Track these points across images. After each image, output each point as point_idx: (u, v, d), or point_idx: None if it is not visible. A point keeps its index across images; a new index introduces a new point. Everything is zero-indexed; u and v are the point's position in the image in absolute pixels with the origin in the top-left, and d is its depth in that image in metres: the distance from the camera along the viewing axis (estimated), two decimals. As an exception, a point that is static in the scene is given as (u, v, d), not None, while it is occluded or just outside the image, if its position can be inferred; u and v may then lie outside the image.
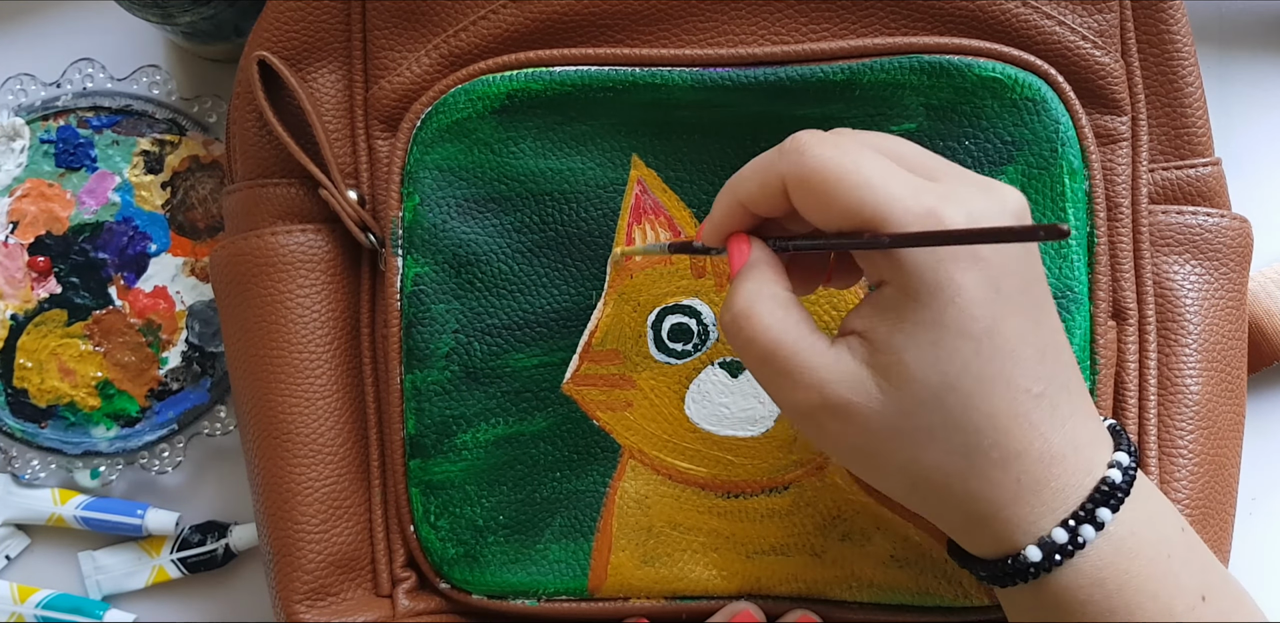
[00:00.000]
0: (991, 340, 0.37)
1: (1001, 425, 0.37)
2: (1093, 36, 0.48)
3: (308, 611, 0.48)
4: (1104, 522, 0.38)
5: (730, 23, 0.48)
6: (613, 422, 0.49)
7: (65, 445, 0.56)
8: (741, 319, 0.39)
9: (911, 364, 0.37)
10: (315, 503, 0.49)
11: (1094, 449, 0.39)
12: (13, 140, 0.57)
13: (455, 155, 0.48)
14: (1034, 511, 0.38)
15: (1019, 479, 0.38)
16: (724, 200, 0.41)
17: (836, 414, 0.38)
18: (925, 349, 0.37)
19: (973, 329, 0.37)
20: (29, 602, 0.56)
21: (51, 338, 0.56)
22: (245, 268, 0.49)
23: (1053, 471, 0.38)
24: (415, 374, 0.48)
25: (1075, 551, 0.38)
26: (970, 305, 0.37)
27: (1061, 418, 0.38)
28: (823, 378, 0.38)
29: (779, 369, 0.39)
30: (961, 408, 0.37)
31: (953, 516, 0.40)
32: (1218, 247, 0.48)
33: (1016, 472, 0.38)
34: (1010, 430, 0.38)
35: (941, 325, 0.37)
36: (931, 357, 0.37)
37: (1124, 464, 0.39)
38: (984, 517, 0.39)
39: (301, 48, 0.50)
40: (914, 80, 0.46)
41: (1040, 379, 0.38)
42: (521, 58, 0.48)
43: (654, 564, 0.48)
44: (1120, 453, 0.40)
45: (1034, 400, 0.38)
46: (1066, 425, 0.38)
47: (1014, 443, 0.38)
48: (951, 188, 0.38)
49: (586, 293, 0.48)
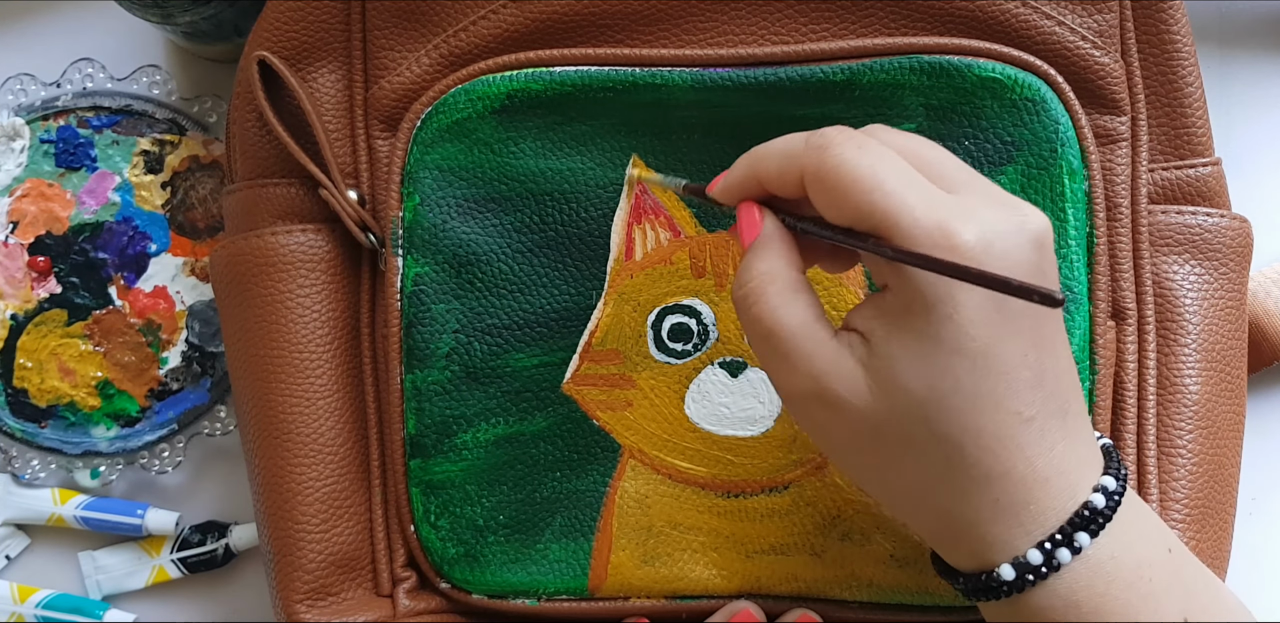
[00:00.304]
0: (986, 361, 0.37)
1: (985, 445, 0.37)
2: (1092, 37, 0.48)
3: (308, 610, 0.48)
4: (1081, 546, 0.38)
5: (730, 23, 0.48)
6: (613, 421, 0.49)
7: (65, 445, 0.56)
8: (753, 297, 0.39)
9: (901, 374, 0.37)
10: (315, 503, 0.49)
11: (1080, 473, 0.39)
12: (13, 140, 0.57)
13: (455, 155, 0.48)
14: (1010, 531, 0.38)
15: (998, 500, 0.38)
16: (741, 169, 0.41)
17: (827, 405, 0.39)
18: (916, 361, 0.37)
19: (968, 348, 0.36)
20: (29, 602, 0.56)
21: (51, 338, 0.56)
22: (245, 268, 0.49)
23: (1034, 493, 0.38)
24: (415, 374, 0.48)
25: (1050, 573, 0.38)
26: (968, 324, 0.36)
27: (1050, 443, 0.38)
28: (821, 368, 0.38)
29: (780, 352, 0.39)
30: (945, 423, 0.37)
31: (929, 526, 0.40)
32: (1217, 247, 0.48)
33: (996, 493, 0.38)
34: (994, 451, 0.37)
35: (936, 340, 0.37)
36: (922, 369, 0.37)
37: (1109, 489, 0.39)
38: (959, 532, 0.39)
39: (301, 48, 0.50)
40: (914, 80, 0.46)
41: (1032, 403, 0.37)
42: (521, 58, 0.48)
43: (654, 564, 0.48)
44: (1108, 477, 0.39)
45: (1023, 424, 0.37)
46: (1055, 450, 0.38)
47: (997, 464, 0.37)
48: (970, 203, 0.37)
49: (586, 293, 0.48)
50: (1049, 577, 0.38)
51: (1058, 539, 0.38)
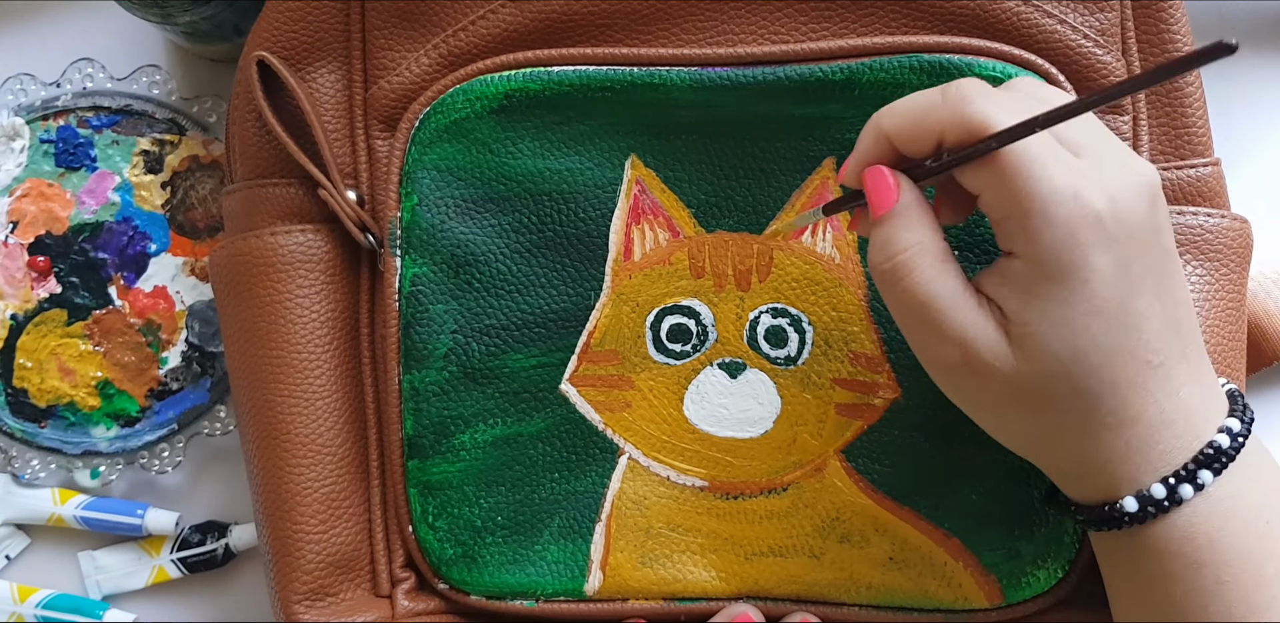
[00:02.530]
0: (1119, 318, 0.38)
1: (1121, 394, 0.39)
2: (1094, 35, 0.47)
3: (307, 611, 0.48)
4: (1204, 483, 0.39)
5: (729, 22, 0.48)
6: (611, 422, 0.48)
7: (65, 445, 0.56)
8: (903, 270, 0.40)
9: (1043, 338, 0.38)
10: (314, 503, 0.49)
11: (1206, 415, 0.40)
12: (13, 140, 0.57)
13: (454, 155, 0.48)
14: (1138, 469, 0.40)
15: (1129, 442, 0.40)
16: (869, 132, 0.41)
17: (974, 373, 0.40)
18: (1057, 325, 0.38)
19: (1103, 308, 0.38)
20: (29, 602, 0.56)
21: (51, 338, 0.56)
22: (245, 268, 0.49)
23: (1162, 434, 0.40)
24: (413, 375, 0.48)
25: (1171, 507, 0.40)
26: (1101, 286, 0.38)
27: (1175, 385, 0.40)
28: (968, 337, 0.39)
29: (929, 324, 0.40)
30: (1085, 378, 0.39)
31: (1059, 466, 0.42)
32: (1218, 247, 0.48)
33: (1128, 436, 0.39)
34: (1127, 398, 0.39)
35: (1073, 305, 0.38)
36: (1063, 332, 0.38)
37: (1234, 430, 0.40)
38: (1090, 471, 0.41)
39: (301, 48, 0.50)
40: (914, 80, 0.46)
41: (1160, 351, 0.39)
42: (520, 58, 0.48)
43: (652, 566, 0.48)
44: (1232, 419, 0.41)
45: (1152, 371, 0.39)
46: (1181, 393, 0.40)
47: (1130, 410, 0.39)
48: (1094, 166, 0.38)
49: (585, 293, 0.48)
50: (1170, 511, 0.40)
51: (1182, 475, 0.40)
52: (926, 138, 0.39)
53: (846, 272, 0.48)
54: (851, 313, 0.48)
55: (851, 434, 0.48)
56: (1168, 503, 0.40)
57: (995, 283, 0.40)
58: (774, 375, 0.48)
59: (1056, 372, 0.39)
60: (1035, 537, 0.47)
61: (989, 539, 0.47)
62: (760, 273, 0.48)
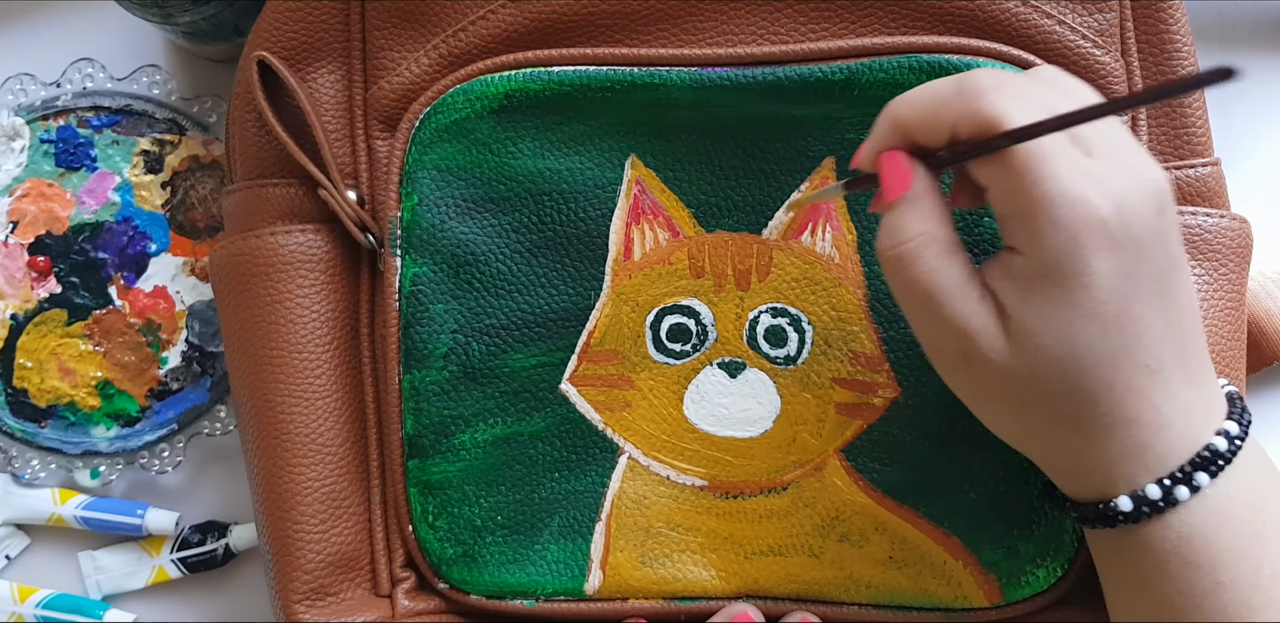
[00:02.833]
0: (1119, 322, 0.38)
1: (1117, 396, 0.39)
2: (1093, 36, 0.47)
3: (307, 611, 0.48)
4: (1200, 485, 0.39)
5: (729, 23, 0.48)
6: (611, 422, 0.48)
7: (65, 445, 0.56)
8: (908, 258, 0.40)
9: (1039, 336, 0.38)
10: (314, 503, 0.49)
11: (1205, 418, 0.40)
12: (13, 140, 0.57)
13: (454, 155, 0.48)
14: (1134, 469, 0.40)
15: (1124, 443, 0.40)
16: (884, 119, 0.41)
17: (970, 363, 0.40)
18: (1053, 324, 0.38)
19: (1102, 312, 0.38)
20: (29, 602, 0.56)
21: (51, 338, 0.56)
22: (245, 268, 0.49)
23: (1159, 436, 0.40)
24: (414, 374, 0.48)
25: (1167, 508, 0.40)
26: (1101, 291, 0.38)
27: (1174, 390, 0.40)
28: (970, 328, 0.39)
29: (932, 313, 0.40)
30: (1080, 379, 0.39)
31: (1055, 463, 0.42)
32: (1217, 247, 0.48)
33: (1123, 437, 0.40)
34: (1124, 400, 0.39)
35: (1071, 306, 0.38)
36: (1059, 332, 0.38)
37: (1232, 433, 0.40)
38: (1085, 469, 0.41)
39: (301, 48, 0.50)
40: (913, 80, 0.46)
41: (1159, 356, 0.39)
42: (520, 58, 0.48)
43: (652, 565, 0.48)
44: (1230, 422, 0.41)
45: (1151, 375, 0.39)
46: (1180, 397, 0.40)
47: (1126, 412, 0.39)
48: (1104, 168, 0.38)
49: (585, 293, 0.48)
50: (1165, 512, 0.40)
51: (1178, 477, 0.40)
52: (940, 129, 0.39)
53: (846, 271, 0.48)
54: (851, 312, 0.48)
55: (851, 433, 0.48)
56: (1163, 504, 0.40)
57: (996, 276, 0.40)
58: (774, 375, 0.48)
59: (1050, 369, 0.39)
60: (1034, 536, 0.47)
61: (988, 538, 0.47)
62: (760, 273, 0.48)
